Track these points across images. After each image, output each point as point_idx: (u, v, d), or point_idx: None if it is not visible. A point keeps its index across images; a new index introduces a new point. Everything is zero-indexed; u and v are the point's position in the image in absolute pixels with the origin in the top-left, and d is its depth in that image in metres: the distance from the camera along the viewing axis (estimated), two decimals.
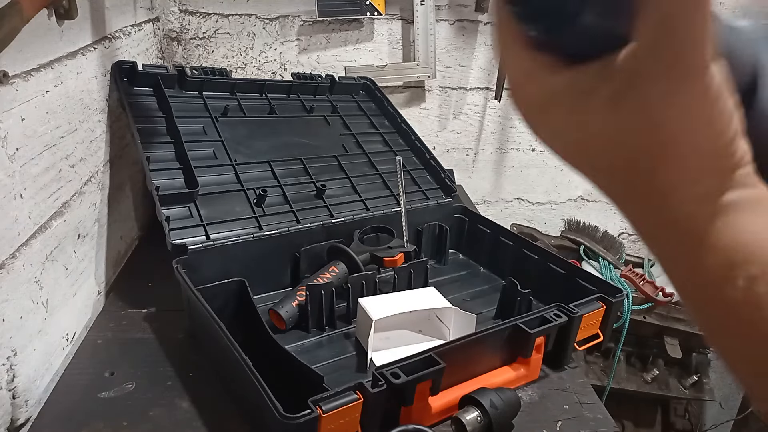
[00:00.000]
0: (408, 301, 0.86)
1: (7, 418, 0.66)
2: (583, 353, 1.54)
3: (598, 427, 0.73)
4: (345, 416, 0.59)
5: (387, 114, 1.29)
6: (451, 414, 0.70)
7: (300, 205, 1.00)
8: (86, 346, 0.82)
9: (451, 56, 1.48)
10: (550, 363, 0.82)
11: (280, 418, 0.55)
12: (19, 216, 0.67)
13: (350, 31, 1.43)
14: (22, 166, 0.68)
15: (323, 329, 0.88)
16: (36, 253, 0.71)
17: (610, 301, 0.82)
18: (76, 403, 0.71)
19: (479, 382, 0.74)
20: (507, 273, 0.99)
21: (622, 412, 1.67)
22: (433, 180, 1.19)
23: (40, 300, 0.73)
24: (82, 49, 0.85)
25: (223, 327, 0.68)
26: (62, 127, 0.79)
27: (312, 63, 1.45)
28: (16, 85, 0.66)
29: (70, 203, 0.82)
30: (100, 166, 0.94)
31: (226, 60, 1.43)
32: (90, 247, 0.90)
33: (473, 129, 1.57)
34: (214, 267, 0.85)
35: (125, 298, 0.94)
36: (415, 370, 0.64)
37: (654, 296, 1.47)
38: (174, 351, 0.82)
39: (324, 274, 0.92)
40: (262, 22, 1.40)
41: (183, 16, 1.38)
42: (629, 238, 1.78)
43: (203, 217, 0.90)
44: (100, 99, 0.94)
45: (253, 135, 1.09)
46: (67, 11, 0.77)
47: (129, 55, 1.09)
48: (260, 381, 0.59)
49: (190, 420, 0.70)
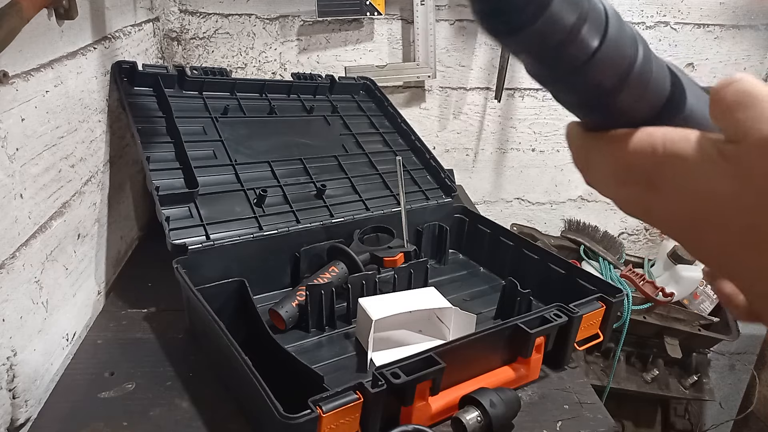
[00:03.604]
0: (408, 301, 0.86)
1: (7, 418, 0.66)
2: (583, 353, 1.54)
3: (598, 427, 0.73)
4: (345, 416, 0.59)
5: (387, 114, 1.29)
6: (451, 414, 0.70)
7: (300, 205, 1.00)
8: (86, 346, 0.82)
9: (451, 56, 1.48)
10: (550, 363, 0.82)
11: (280, 418, 0.55)
12: (19, 216, 0.67)
13: (350, 31, 1.43)
14: (22, 166, 0.68)
15: (323, 329, 0.88)
16: (36, 253, 0.71)
17: (610, 301, 0.82)
18: (76, 403, 0.71)
19: (479, 382, 0.74)
20: (507, 273, 0.99)
21: (622, 412, 1.67)
22: (433, 180, 1.19)
23: (40, 300, 0.73)
24: (82, 49, 0.85)
25: (223, 327, 0.68)
26: (62, 127, 0.79)
27: (312, 63, 1.45)
28: (16, 85, 0.66)
29: (70, 203, 0.82)
30: (100, 166, 0.94)
31: (226, 60, 1.43)
32: (90, 247, 0.90)
33: (473, 129, 1.57)
34: (214, 267, 0.85)
35: (125, 298, 0.94)
36: (415, 370, 0.64)
37: (654, 296, 1.47)
38: (174, 351, 0.82)
39: (324, 274, 0.92)
40: (262, 22, 1.40)
41: (183, 16, 1.38)
42: (629, 238, 1.78)
43: (203, 217, 0.90)
44: (100, 99, 0.94)
45: (253, 135, 1.08)
46: (67, 11, 0.77)
47: (129, 55, 1.09)
48: (260, 381, 0.59)
49: (190, 420, 0.70)
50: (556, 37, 0.27)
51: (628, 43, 0.29)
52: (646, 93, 0.31)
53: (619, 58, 0.29)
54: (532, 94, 1.54)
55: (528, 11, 0.26)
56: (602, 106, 0.31)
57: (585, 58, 0.28)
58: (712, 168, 0.28)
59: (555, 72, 0.30)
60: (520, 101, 1.55)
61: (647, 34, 1.49)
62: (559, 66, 0.29)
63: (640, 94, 0.30)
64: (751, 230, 0.28)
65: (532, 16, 0.27)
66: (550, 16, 0.27)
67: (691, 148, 0.29)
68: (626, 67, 0.29)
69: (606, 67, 0.29)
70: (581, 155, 0.33)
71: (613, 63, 0.29)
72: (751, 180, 0.27)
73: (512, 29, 0.27)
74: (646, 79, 0.30)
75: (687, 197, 0.29)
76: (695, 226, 0.30)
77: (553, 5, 0.26)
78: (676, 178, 0.29)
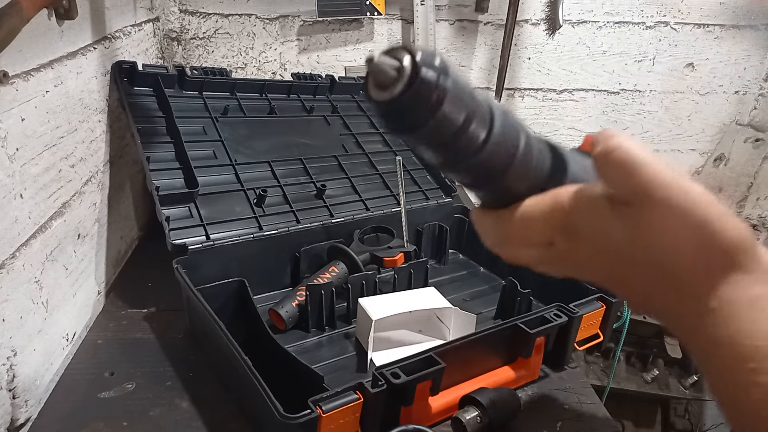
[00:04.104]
0: (408, 301, 0.86)
1: (7, 418, 0.66)
2: (583, 353, 1.54)
3: (598, 427, 0.73)
4: (345, 416, 0.59)
5: None
6: (451, 414, 0.70)
7: (300, 205, 1.00)
8: (86, 346, 0.82)
9: (451, 56, 1.48)
10: (550, 363, 0.82)
11: (280, 418, 0.55)
12: (19, 216, 0.67)
13: (350, 31, 1.43)
14: (22, 166, 0.68)
15: (323, 329, 0.88)
16: (36, 253, 0.71)
17: (610, 301, 0.82)
18: (76, 403, 0.71)
19: (479, 382, 0.74)
20: (507, 273, 0.99)
21: (622, 412, 1.67)
22: (433, 180, 1.19)
23: (40, 300, 0.73)
24: (82, 49, 0.85)
25: (223, 327, 0.68)
26: (62, 127, 0.79)
27: (312, 63, 1.45)
28: (16, 85, 0.66)
29: (70, 203, 0.82)
30: (100, 166, 0.94)
31: (226, 60, 1.43)
32: (90, 247, 0.90)
33: None
34: (214, 267, 0.85)
35: (125, 298, 0.94)
36: (415, 370, 0.64)
37: None
38: (174, 351, 0.82)
39: (324, 274, 0.92)
40: (262, 22, 1.40)
41: (183, 16, 1.38)
42: None
43: (203, 217, 0.90)
44: (100, 99, 0.94)
45: (253, 135, 1.08)
46: (67, 11, 0.77)
47: (129, 55, 1.09)
48: (260, 381, 0.59)
49: (190, 420, 0.70)
50: (448, 133, 0.32)
51: (512, 134, 0.35)
52: (529, 172, 0.37)
53: (505, 148, 0.35)
54: (532, 94, 1.54)
55: (421, 115, 0.32)
56: (493, 185, 0.37)
57: (475, 149, 0.34)
58: (609, 225, 0.33)
59: (449, 161, 0.35)
60: (520, 101, 1.55)
61: (647, 34, 1.49)
62: (453, 156, 0.34)
63: (524, 173, 0.36)
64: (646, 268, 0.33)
65: (425, 118, 0.32)
66: (442, 117, 0.32)
67: (586, 209, 0.34)
68: (511, 154, 0.35)
69: (493, 156, 0.34)
70: (486, 234, 0.39)
71: (499, 152, 0.35)
72: (644, 236, 0.32)
73: (410, 128, 0.32)
74: (528, 160, 0.36)
75: (589, 251, 0.35)
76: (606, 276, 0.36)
77: (443, 108, 0.31)
78: (579, 234, 0.35)
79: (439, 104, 0.31)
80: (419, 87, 0.31)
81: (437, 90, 0.31)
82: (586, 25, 1.47)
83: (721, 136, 1.63)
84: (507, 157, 0.35)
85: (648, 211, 0.32)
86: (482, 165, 0.35)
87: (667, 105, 1.58)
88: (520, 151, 0.35)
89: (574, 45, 1.49)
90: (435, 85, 0.31)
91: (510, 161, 0.35)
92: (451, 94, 0.31)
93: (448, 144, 0.33)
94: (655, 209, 0.31)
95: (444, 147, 0.34)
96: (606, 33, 1.48)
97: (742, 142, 1.64)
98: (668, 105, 1.58)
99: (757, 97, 1.59)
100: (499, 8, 1.41)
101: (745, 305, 0.31)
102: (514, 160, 0.35)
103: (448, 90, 0.31)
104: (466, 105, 0.32)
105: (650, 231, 0.32)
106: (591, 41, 1.49)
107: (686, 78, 1.55)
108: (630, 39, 1.49)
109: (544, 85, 1.53)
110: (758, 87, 1.58)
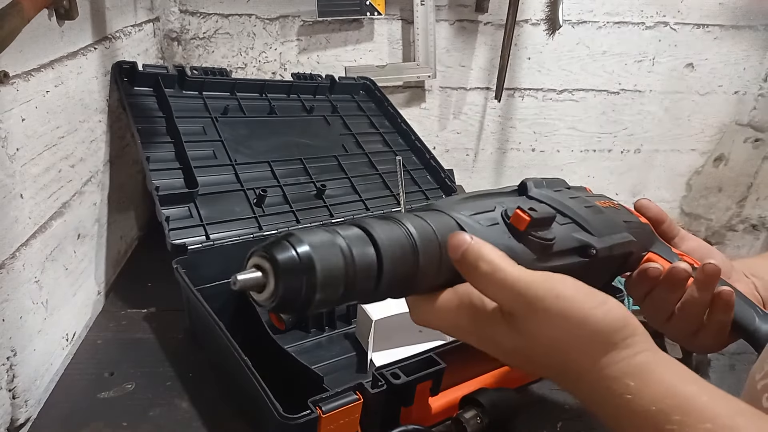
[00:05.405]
0: None
1: (7, 418, 0.66)
2: None
3: (598, 427, 0.73)
4: (345, 416, 0.59)
5: (387, 114, 1.29)
6: (451, 414, 0.70)
7: (300, 205, 1.00)
8: (86, 346, 0.83)
9: (451, 56, 1.48)
10: None
11: (279, 418, 0.55)
12: (19, 216, 0.67)
13: (350, 31, 1.43)
14: (23, 166, 0.68)
15: (323, 329, 0.88)
16: (36, 253, 0.71)
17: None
18: (76, 403, 0.71)
19: (479, 382, 0.74)
20: None
21: None
22: (433, 180, 1.19)
23: (40, 300, 0.73)
24: (82, 49, 0.85)
25: (223, 327, 0.68)
26: (62, 127, 0.79)
27: (312, 63, 1.45)
28: (16, 85, 0.66)
29: (70, 203, 0.82)
30: (100, 166, 0.94)
31: (226, 60, 1.43)
32: (90, 247, 0.90)
33: (473, 129, 1.57)
34: (214, 267, 0.85)
35: (125, 298, 0.94)
36: (415, 371, 0.64)
37: None
38: (174, 351, 0.82)
39: None
40: (262, 22, 1.40)
41: (183, 16, 1.38)
42: None
43: (203, 217, 0.90)
44: (100, 99, 0.94)
45: (253, 135, 1.08)
46: (67, 11, 0.77)
47: (129, 55, 1.09)
48: (260, 381, 0.59)
49: (190, 420, 0.70)
50: (336, 297, 0.37)
51: (402, 256, 0.39)
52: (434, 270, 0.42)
53: (402, 265, 0.39)
54: (532, 94, 1.54)
55: (298, 307, 0.36)
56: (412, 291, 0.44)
57: (372, 288, 0.39)
58: (504, 336, 0.40)
59: (362, 302, 0.43)
60: (520, 101, 1.55)
61: (647, 34, 1.49)
62: (361, 300, 0.41)
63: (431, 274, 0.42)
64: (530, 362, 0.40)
65: (303, 309, 0.36)
66: (318, 304, 0.36)
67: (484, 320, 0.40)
68: (411, 268, 0.40)
69: (393, 279, 0.39)
70: (413, 315, 0.47)
71: (397, 271, 0.39)
72: (535, 342, 0.38)
73: (304, 307, 0.36)
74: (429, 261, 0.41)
75: (492, 352, 0.42)
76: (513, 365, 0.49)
77: (315, 300, 0.36)
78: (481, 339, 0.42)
79: (313, 289, 0.35)
80: (288, 282, 0.35)
81: (306, 279, 0.35)
82: (585, 26, 1.47)
83: (720, 136, 1.63)
84: (409, 270, 0.40)
85: (533, 323, 0.38)
86: (389, 291, 0.40)
87: (666, 105, 1.58)
88: (420, 259, 0.40)
89: (574, 45, 1.49)
90: (302, 276, 0.35)
91: (414, 272, 0.40)
92: (321, 275, 0.35)
93: (344, 300, 0.38)
94: (539, 320, 0.37)
95: (344, 301, 0.38)
96: (606, 33, 1.48)
97: (742, 142, 1.64)
98: (668, 105, 1.58)
99: (756, 97, 1.59)
100: (499, 8, 1.41)
101: (630, 376, 0.35)
102: (417, 271, 0.40)
103: (317, 273, 0.35)
104: (336, 287, 0.36)
105: (539, 338, 0.38)
106: (591, 41, 1.49)
107: (686, 78, 1.55)
108: (630, 39, 1.49)
109: (544, 85, 1.53)
110: (758, 87, 1.58)
